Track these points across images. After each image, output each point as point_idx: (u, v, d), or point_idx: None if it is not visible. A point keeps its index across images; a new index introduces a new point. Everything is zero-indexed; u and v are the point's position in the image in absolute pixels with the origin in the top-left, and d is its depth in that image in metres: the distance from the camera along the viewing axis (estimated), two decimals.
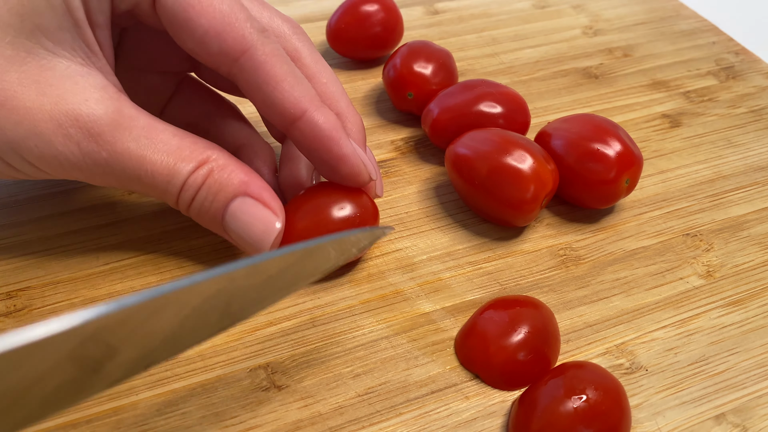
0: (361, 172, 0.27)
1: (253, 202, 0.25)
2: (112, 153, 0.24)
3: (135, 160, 0.24)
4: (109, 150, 0.24)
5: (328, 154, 0.26)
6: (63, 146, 0.24)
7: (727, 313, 0.29)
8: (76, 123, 0.23)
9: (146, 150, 0.24)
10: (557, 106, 0.40)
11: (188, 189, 0.25)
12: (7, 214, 0.31)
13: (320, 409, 0.25)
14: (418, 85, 0.35)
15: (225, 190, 0.25)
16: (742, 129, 0.39)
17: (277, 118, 0.26)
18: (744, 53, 0.45)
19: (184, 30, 0.25)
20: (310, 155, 0.27)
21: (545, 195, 0.29)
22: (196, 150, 0.25)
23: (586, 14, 0.48)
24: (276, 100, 0.26)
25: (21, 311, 0.27)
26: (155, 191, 0.25)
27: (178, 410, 0.24)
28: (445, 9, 0.48)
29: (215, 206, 0.25)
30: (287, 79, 0.26)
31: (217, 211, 0.26)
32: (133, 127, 0.24)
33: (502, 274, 0.30)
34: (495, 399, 0.25)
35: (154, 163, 0.24)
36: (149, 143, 0.24)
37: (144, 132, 0.24)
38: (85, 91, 0.24)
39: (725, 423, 0.25)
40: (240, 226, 0.25)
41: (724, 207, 0.34)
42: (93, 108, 0.24)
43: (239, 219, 0.25)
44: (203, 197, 0.25)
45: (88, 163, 0.24)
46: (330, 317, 0.28)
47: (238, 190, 0.25)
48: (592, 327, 0.28)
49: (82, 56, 0.25)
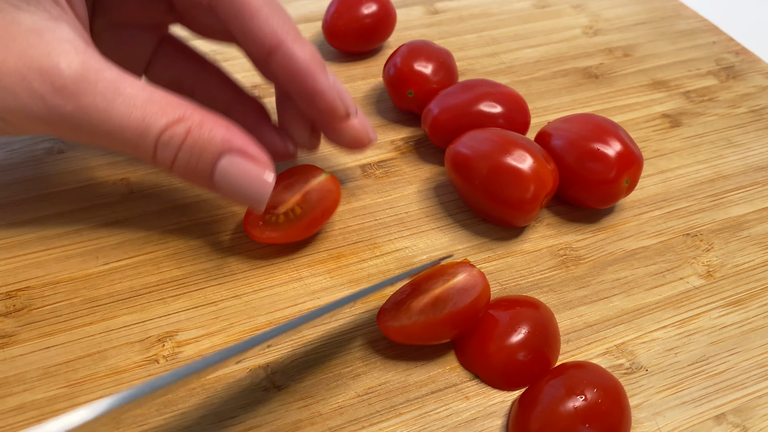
0: (336, 107, 0.27)
1: (241, 159, 0.25)
2: (77, 107, 0.23)
3: (102, 114, 0.24)
4: (74, 104, 0.23)
5: (304, 88, 0.27)
6: (28, 99, 0.23)
7: (727, 313, 0.29)
8: (39, 76, 0.23)
9: (113, 104, 0.24)
10: (557, 106, 0.40)
11: (165, 147, 0.24)
12: (7, 214, 0.31)
13: (320, 409, 0.25)
14: (418, 83, 0.35)
15: (209, 150, 0.25)
16: (742, 129, 0.39)
17: (254, 50, 0.26)
18: (744, 53, 0.45)
19: None
20: (289, 89, 0.27)
21: (545, 195, 0.29)
22: (168, 105, 0.24)
23: (586, 14, 0.48)
24: (252, 30, 0.26)
25: (21, 311, 0.27)
26: (128, 147, 0.25)
27: (177, 410, 0.24)
28: (445, 9, 0.48)
29: (201, 167, 0.25)
30: (263, 9, 0.26)
31: (204, 171, 0.25)
32: (99, 80, 0.24)
33: (502, 274, 0.30)
34: (495, 399, 0.25)
35: (122, 117, 0.24)
36: (116, 97, 0.24)
37: (111, 85, 0.24)
38: (49, 45, 0.24)
39: (725, 423, 0.25)
40: (231, 184, 0.25)
41: (724, 207, 0.34)
42: (56, 61, 0.23)
43: (229, 178, 0.25)
44: (187, 158, 0.25)
45: (54, 118, 0.24)
46: (330, 317, 0.28)
47: (223, 147, 0.25)
48: (592, 327, 0.28)
49: (48, 8, 0.24)
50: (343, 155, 0.35)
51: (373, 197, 0.33)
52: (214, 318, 0.27)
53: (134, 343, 0.26)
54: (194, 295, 0.28)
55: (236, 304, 0.28)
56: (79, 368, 0.25)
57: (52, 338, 0.26)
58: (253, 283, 0.29)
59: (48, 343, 0.26)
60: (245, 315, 0.27)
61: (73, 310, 0.27)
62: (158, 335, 0.26)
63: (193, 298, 0.28)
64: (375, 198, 0.33)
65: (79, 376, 0.25)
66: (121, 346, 0.26)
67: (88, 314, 0.27)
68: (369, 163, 0.35)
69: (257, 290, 0.28)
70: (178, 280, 0.28)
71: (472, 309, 0.25)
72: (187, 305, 0.28)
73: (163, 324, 0.27)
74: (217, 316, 0.27)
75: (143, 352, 0.26)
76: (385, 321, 0.26)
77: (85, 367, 0.25)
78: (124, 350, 0.26)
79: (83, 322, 0.27)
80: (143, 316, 0.27)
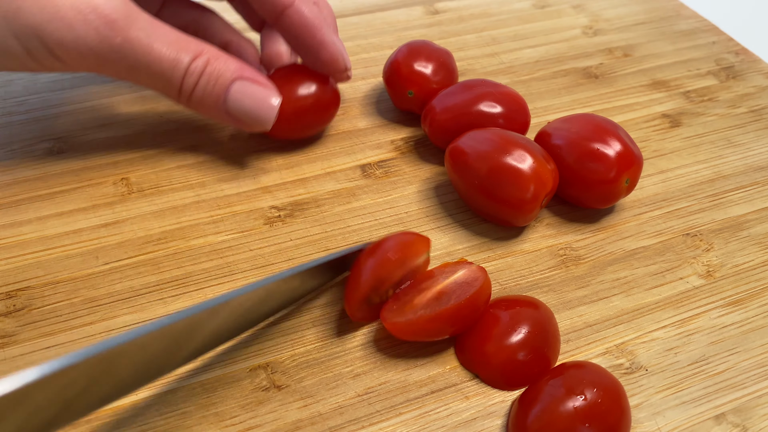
0: (338, 59, 0.32)
1: (251, 84, 0.30)
2: (125, 39, 0.27)
3: (144, 47, 0.28)
4: (123, 36, 0.27)
5: (312, 39, 0.31)
6: (83, 30, 0.27)
7: (727, 313, 0.29)
8: (95, 10, 0.27)
9: (153, 39, 0.28)
10: (557, 106, 0.40)
11: (190, 76, 0.29)
12: (7, 214, 0.31)
13: (320, 409, 0.25)
14: (418, 83, 0.35)
15: (224, 76, 0.29)
16: (742, 129, 0.39)
17: (268, 8, 0.31)
18: (744, 53, 0.45)
19: None
20: (296, 41, 0.32)
21: (545, 195, 0.29)
22: (192, 42, 0.29)
23: (586, 14, 0.48)
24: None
25: (21, 311, 0.27)
26: (161, 78, 0.29)
27: (178, 410, 0.24)
28: (445, 9, 0.48)
29: (217, 90, 0.29)
30: None
31: (219, 94, 0.30)
32: (140, 19, 0.28)
33: (501, 274, 0.30)
34: (495, 399, 0.25)
35: (160, 50, 0.28)
36: (154, 33, 0.28)
37: (149, 25, 0.28)
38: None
39: (725, 423, 0.25)
40: (242, 105, 0.30)
41: (724, 207, 0.34)
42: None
43: (240, 99, 0.30)
44: (205, 83, 0.29)
45: (104, 48, 0.27)
46: (330, 317, 0.28)
47: (235, 74, 0.30)
48: (592, 327, 0.28)
49: None
50: (342, 155, 0.35)
51: (373, 197, 0.33)
52: None
53: None
54: (194, 295, 0.28)
55: None
56: None
57: (52, 338, 0.26)
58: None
59: (48, 343, 0.26)
60: None
61: (73, 310, 0.27)
62: None
63: (193, 298, 0.28)
64: (375, 198, 0.33)
65: None
66: None
67: (88, 314, 0.27)
68: (369, 163, 0.35)
69: None
70: (178, 280, 0.28)
71: (475, 301, 0.25)
72: (187, 305, 0.28)
73: None
74: None
75: None
76: (389, 318, 0.26)
77: None
78: None
79: (83, 322, 0.27)
80: (143, 316, 0.27)
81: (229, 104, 0.30)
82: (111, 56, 0.28)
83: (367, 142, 0.36)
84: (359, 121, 0.37)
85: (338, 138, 0.36)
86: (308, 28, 0.31)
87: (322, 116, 0.34)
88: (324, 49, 0.32)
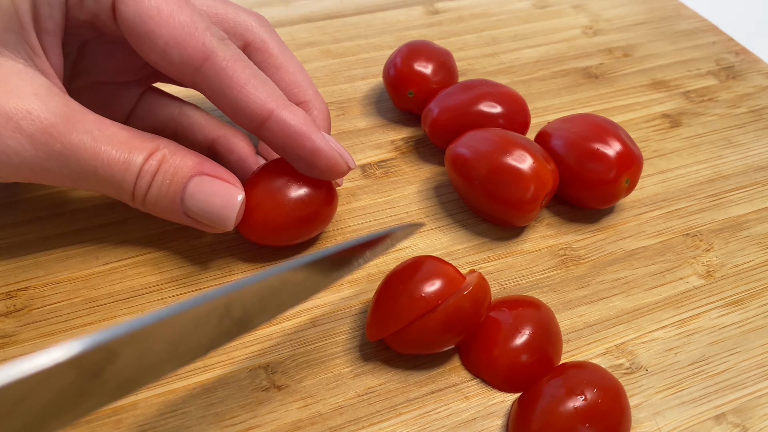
0: (338, 163, 0.27)
1: (210, 179, 0.26)
2: (66, 145, 0.24)
3: (90, 152, 0.24)
4: (63, 142, 0.24)
5: (302, 150, 0.26)
6: (14, 140, 0.23)
7: (727, 313, 0.29)
8: (28, 116, 0.23)
9: (100, 141, 0.25)
10: (557, 106, 0.40)
11: (143, 177, 0.25)
12: (7, 215, 0.31)
13: (320, 409, 0.25)
14: (418, 83, 0.35)
15: (180, 173, 0.26)
16: (742, 129, 0.39)
17: (245, 121, 0.26)
18: (744, 53, 0.45)
19: (145, 41, 0.25)
20: (285, 153, 0.27)
21: (545, 195, 0.29)
22: (146, 140, 0.26)
23: (586, 14, 0.48)
24: (242, 103, 0.26)
25: (21, 311, 0.27)
26: (111, 183, 0.25)
27: (178, 410, 0.24)
28: (445, 9, 0.48)
29: (173, 189, 0.26)
30: (251, 81, 0.26)
31: (175, 193, 0.26)
32: (84, 121, 0.25)
33: (502, 274, 0.30)
34: (495, 399, 0.25)
35: (109, 153, 0.25)
36: (101, 135, 0.25)
37: (95, 125, 0.25)
38: (33, 87, 0.24)
39: (725, 423, 0.25)
40: (200, 204, 0.26)
41: (724, 207, 0.34)
42: (44, 101, 0.24)
43: (198, 197, 0.26)
44: (159, 183, 0.26)
45: (40, 157, 0.24)
46: (330, 317, 0.28)
47: (193, 170, 0.26)
48: (592, 327, 0.28)
49: (25, 58, 0.25)
50: None
51: (373, 197, 0.33)
52: None
53: None
54: (194, 295, 0.28)
55: None
56: None
57: (52, 338, 0.26)
58: None
59: (48, 343, 0.26)
60: None
61: (73, 310, 0.27)
62: None
63: None
64: (375, 198, 0.33)
65: None
66: None
67: (88, 314, 0.27)
68: (369, 163, 0.35)
69: None
70: (178, 280, 0.28)
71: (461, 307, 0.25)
72: None
73: None
74: None
75: None
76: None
77: None
78: None
79: (83, 322, 0.27)
80: None
81: (186, 204, 0.26)
82: (50, 165, 0.24)
83: (367, 142, 0.36)
84: (359, 121, 0.38)
85: (338, 138, 0.36)
86: (295, 138, 0.26)
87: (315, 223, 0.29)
88: (319, 157, 0.26)
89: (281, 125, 0.26)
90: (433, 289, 0.24)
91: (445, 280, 0.25)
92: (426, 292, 0.24)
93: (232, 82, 0.25)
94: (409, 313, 0.24)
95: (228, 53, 0.25)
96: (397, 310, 0.24)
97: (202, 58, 0.25)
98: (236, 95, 0.25)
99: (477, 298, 0.25)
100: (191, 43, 0.25)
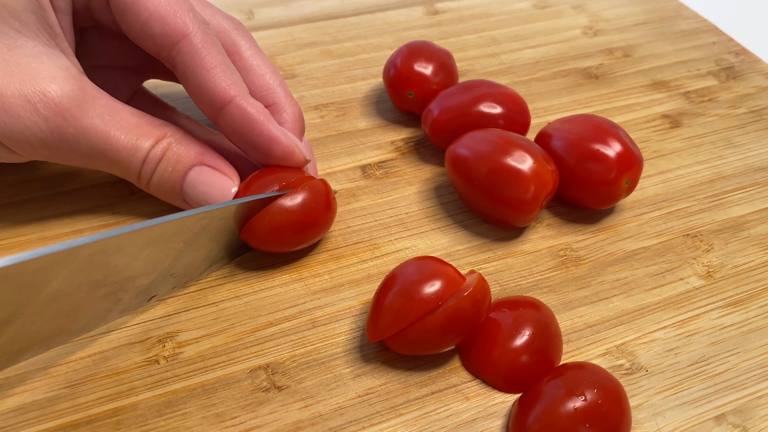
0: (294, 152, 0.28)
1: (209, 170, 0.28)
2: (78, 128, 0.26)
3: (100, 136, 0.26)
4: (75, 125, 0.25)
5: (258, 136, 0.27)
6: (31, 121, 0.25)
7: (728, 314, 0.29)
8: (44, 99, 0.25)
9: (110, 126, 0.26)
10: (557, 107, 0.40)
11: (149, 163, 0.27)
12: (8, 215, 0.31)
13: (320, 409, 0.25)
14: (418, 84, 0.35)
15: (183, 161, 0.27)
16: (742, 129, 0.39)
17: (207, 103, 0.27)
18: (744, 53, 0.45)
19: (131, 13, 0.26)
20: (241, 140, 0.28)
21: (545, 195, 0.29)
22: (154, 127, 0.27)
23: (586, 14, 0.48)
24: (207, 84, 0.27)
25: None
26: (118, 166, 0.27)
27: (178, 411, 0.24)
28: (445, 9, 0.48)
29: (174, 176, 0.28)
30: (220, 66, 0.27)
31: (176, 180, 0.28)
32: (96, 105, 0.26)
33: (502, 275, 0.30)
34: (495, 400, 0.25)
35: (118, 138, 0.26)
36: (112, 120, 0.26)
37: (107, 110, 0.26)
38: (51, 70, 0.25)
39: (725, 423, 0.25)
40: (198, 193, 0.28)
41: (725, 207, 0.34)
42: (61, 85, 0.25)
43: (197, 186, 0.28)
44: (163, 169, 0.27)
45: (55, 138, 0.25)
46: (330, 318, 0.28)
47: (195, 160, 0.28)
48: (592, 328, 0.28)
49: (46, 37, 0.26)
50: (342, 156, 0.35)
51: (373, 198, 0.33)
52: (215, 318, 0.27)
53: (135, 344, 0.26)
54: (194, 295, 0.28)
55: (237, 304, 0.28)
56: (79, 369, 0.25)
57: None
58: (253, 283, 0.29)
59: None
60: (246, 315, 0.27)
61: None
62: (159, 336, 0.26)
63: (194, 298, 0.28)
64: (375, 199, 0.33)
65: (80, 376, 0.25)
66: (121, 346, 0.26)
67: None
68: (369, 163, 0.35)
69: (258, 291, 0.28)
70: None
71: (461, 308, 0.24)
72: (188, 306, 0.28)
73: (164, 324, 0.27)
74: (217, 316, 0.27)
75: (144, 352, 0.26)
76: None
77: (85, 367, 0.25)
78: (124, 351, 0.26)
79: None
80: (143, 317, 0.27)
81: (185, 191, 0.28)
82: (63, 146, 0.26)
83: (367, 143, 0.36)
84: (359, 121, 0.38)
85: (338, 138, 0.36)
86: (253, 124, 0.27)
87: (311, 232, 0.28)
88: (276, 145, 0.27)
89: (240, 111, 0.27)
90: (433, 290, 0.24)
91: (445, 281, 0.25)
92: (426, 293, 0.24)
93: (203, 63, 0.27)
94: (409, 314, 0.24)
95: (206, 36, 0.27)
96: (397, 311, 0.24)
97: (181, 35, 0.26)
98: (203, 76, 0.27)
99: (477, 299, 0.25)
100: (174, 19, 0.26)
